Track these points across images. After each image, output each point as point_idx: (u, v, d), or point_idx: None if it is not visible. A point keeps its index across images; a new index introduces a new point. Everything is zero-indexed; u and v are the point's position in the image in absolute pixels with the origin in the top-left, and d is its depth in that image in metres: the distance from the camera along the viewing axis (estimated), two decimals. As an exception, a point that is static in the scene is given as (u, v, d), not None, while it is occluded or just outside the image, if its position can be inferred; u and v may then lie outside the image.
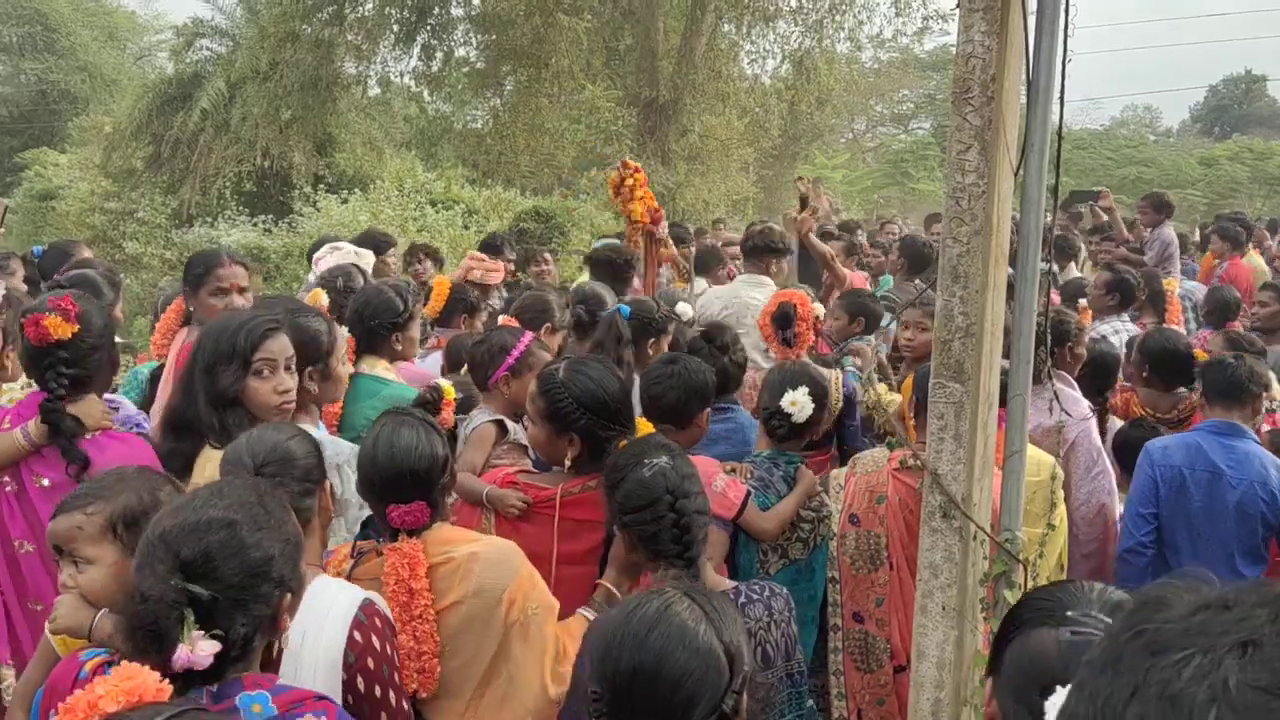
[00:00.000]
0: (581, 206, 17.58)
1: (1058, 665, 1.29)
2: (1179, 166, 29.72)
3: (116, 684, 1.41)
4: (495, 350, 3.34)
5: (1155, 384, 4.41)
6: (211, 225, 16.47)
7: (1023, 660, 1.36)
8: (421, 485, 2.29)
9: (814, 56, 15.96)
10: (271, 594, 1.69)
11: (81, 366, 2.69)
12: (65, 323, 2.62)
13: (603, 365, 2.86)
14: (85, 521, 2.03)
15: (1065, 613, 1.37)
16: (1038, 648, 1.35)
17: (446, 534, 2.37)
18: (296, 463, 2.12)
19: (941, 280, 2.55)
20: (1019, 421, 2.65)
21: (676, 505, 2.27)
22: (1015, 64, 2.58)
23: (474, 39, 16.80)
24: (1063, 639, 1.34)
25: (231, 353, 2.61)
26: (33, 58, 28.78)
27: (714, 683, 1.46)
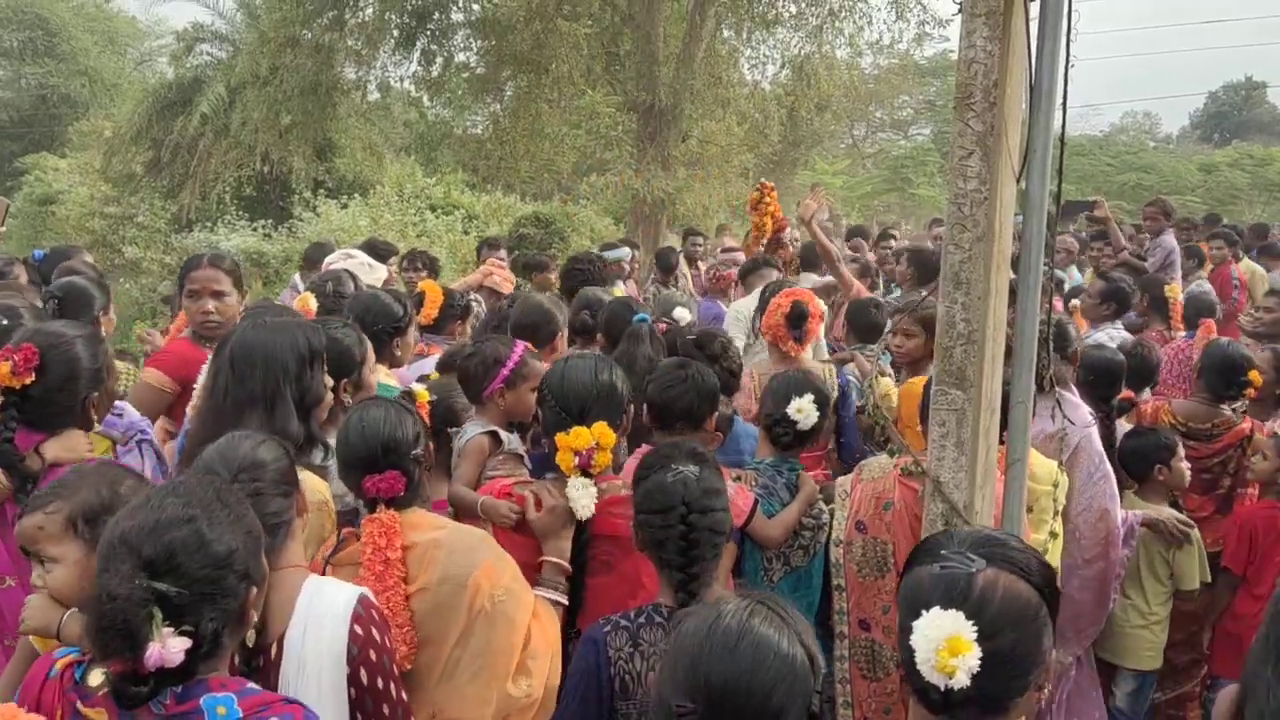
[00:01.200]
0: (581, 212, 17.59)
1: (923, 593, 1.56)
2: (1178, 173, 29.74)
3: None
4: (489, 363, 3.31)
5: (1204, 395, 4.38)
6: (211, 230, 16.49)
7: (905, 592, 1.62)
8: (392, 455, 2.35)
9: (814, 62, 15.97)
10: (237, 587, 1.69)
11: (37, 410, 2.65)
12: (14, 376, 2.61)
13: (586, 360, 2.90)
14: (46, 521, 2.05)
15: (940, 551, 1.61)
16: (916, 581, 1.60)
17: (417, 519, 2.40)
18: (268, 467, 2.11)
19: (943, 287, 2.54)
20: (1021, 428, 2.63)
21: (689, 518, 2.25)
22: (1018, 70, 2.57)
23: (474, 44, 16.81)
24: (933, 572, 1.58)
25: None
26: (33, 62, 28.81)
27: (802, 687, 1.53)
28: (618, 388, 2.84)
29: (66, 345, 2.71)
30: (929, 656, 1.47)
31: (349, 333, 3.11)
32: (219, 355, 2.64)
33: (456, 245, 15.11)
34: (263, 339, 2.60)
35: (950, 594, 1.53)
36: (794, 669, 1.52)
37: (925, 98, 30.99)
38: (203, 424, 2.57)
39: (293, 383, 2.59)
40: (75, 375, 2.70)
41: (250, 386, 2.55)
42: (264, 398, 2.55)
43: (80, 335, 2.81)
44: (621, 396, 2.84)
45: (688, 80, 14.77)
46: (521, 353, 3.33)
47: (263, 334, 2.62)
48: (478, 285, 6.19)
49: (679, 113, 15.13)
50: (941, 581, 1.55)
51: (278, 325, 2.67)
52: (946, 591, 1.54)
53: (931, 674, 1.48)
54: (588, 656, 2.27)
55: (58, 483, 2.14)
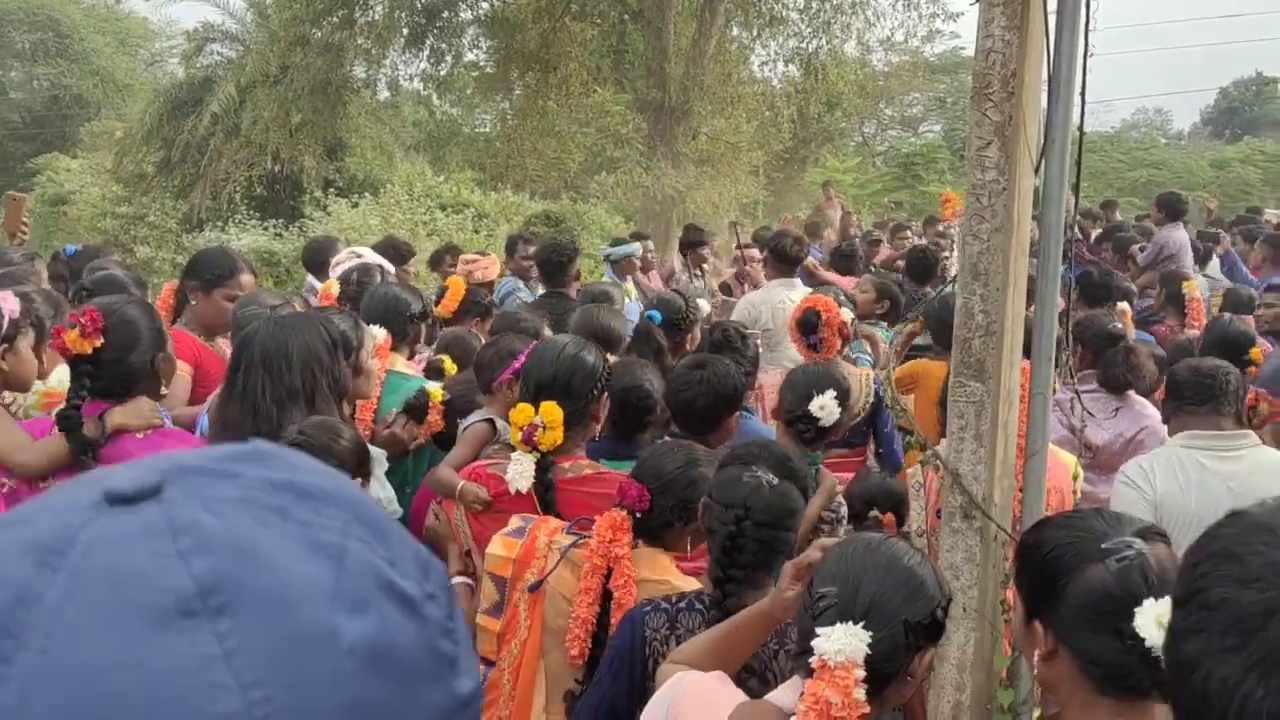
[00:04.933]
0: (591, 210, 17.58)
1: (1121, 591, 1.54)
2: (1190, 169, 29.57)
3: None
4: (503, 355, 3.39)
5: None
6: (222, 229, 16.52)
7: (1088, 599, 1.57)
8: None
9: (821, 59, 15.92)
10: None
11: (110, 375, 2.66)
12: (83, 338, 2.60)
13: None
14: None
15: (1100, 546, 1.59)
16: (1097, 584, 1.57)
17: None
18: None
19: (961, 278, 2.52)
20: (1040, 421, 2.62)
21: (743, 524, 2.18)
22: (1035, 59, 2.55)
23: (482, 43, 16.81)
24: (1112, 569, 1.56)
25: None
26: (45, 63, 28.92)
27: (931, 592, 1.70)
28: (578, 372, 2.80)
29: (121, 309, 2.72)
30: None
31: (345, 318, 3.11)
32: (244, 354, 2.61)
33: (467, 244, 15.11)
34: (290, 335, 2.61)
35: (1151, 583, 1.55)
36: (924, 576, 1.70)
37: (935, 95, 30.90)
38: (238, 425, 2.53)
39: (328, 374, 2.63)
40: (137, 335, 2.69)
41: (290, 382, 2.56)
42: (304, 392, 2.57)
43: (130, 301, 2.85)
44: (586, 380, 2.80)
45: (698, 77, 14.74)
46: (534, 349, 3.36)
47: (287, 330, 2.63)
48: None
49: (689, 110, 15.10)
50: (1133, 573, 1.56)
51: (296, 320, 2.69)
52: (1146, 582, 1.56)
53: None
54: (625, 635, 2.28)
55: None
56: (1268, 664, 0.79)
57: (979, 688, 2.56)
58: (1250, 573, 0.83)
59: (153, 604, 0.40)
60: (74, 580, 0.40)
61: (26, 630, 0.39)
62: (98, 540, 0.41)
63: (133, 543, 0.41)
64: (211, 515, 0.43)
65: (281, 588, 0.42)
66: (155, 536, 0.42)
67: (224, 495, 0.44)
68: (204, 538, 0.42)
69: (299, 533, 0.44)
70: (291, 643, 0.41)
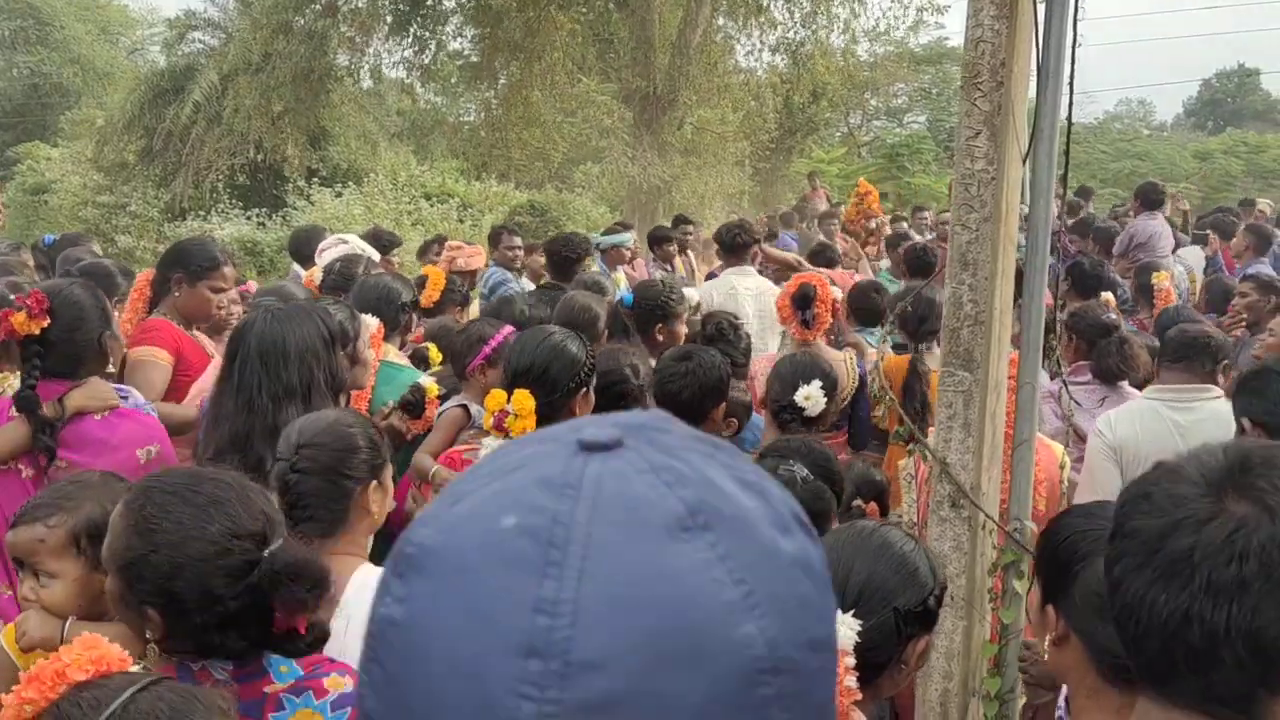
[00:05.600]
0: (577, 200, 17.55)
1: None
2: (1173, 160, 29.73)
3: (82, 653, 1.37)
4: (473, 340, 3.44)
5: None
6: (205, 219, 16.42)
7: (1099, 587, 1.54)
8: None
9: (807, 49, 15.91)
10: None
11: (58, 356, 2.68)
12: (30, 319, 2.63)
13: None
14: (47, 534, 1.95)
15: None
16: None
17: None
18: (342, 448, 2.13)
19: (950, 268, 2.52)
20: (1028, 410, 2.63)
21: None
22: (1024, 49, 2.55)
23: (466, 31, 16.73)
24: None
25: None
26: (25, 51, 28.61)
27: (924, 580, 1.71)
28: (557, 362, 2.77)
29: (66, 290, 2.76)
30: None
31: (342, 308, 3.11)
32: (240, 348, 2.58)
33: (452, 233, 15.07)
34: (287, 330, 2.58)
35: None
36: (916, 566, 1.72)
37: (920, 86, 30.93)
38: (232, 420, 2.51)
39: (325, 369, 2.59)
40: (83, 314, 2.72)
41: (287, 379, 2.52)
42: (300, 388, 2.53)
43: (74, 281, 2.87)
44: (565, 370, 2.77)
45: (684, 67, 14.72)
46: (506, 334, 3.41)
47: (284, 324, 2.59)
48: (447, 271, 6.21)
49: (675, 100, 15.08)
50: None
51: (293, 314, 2.65)
52: None
53: None
54: None
55: (57, 490, 2.07)
56: (1166, 575, 1.01)
57: (965, 675, 2.58)
58: (1155, 506, 1.05)
59: (660, 522, 0.51)
60: (594, 506, 0.51)
61: (568, 543, 0.50)
62: (603, 475, 0.52)
63: (629, 477, 0.53)
64: (672, 459, 0.54)
65: (741, 511, 0.54)
66: (643, 473, 0.53)
67: (672, 444, 0.56)
68: (678, 474, 0.53)
69: (729, 472, 0.56)
70: (758, 552, 0.53)
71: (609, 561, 0.50)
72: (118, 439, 2.63)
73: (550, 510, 0.51)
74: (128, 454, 2.62)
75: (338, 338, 2.70)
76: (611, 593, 0.49)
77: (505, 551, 0.51)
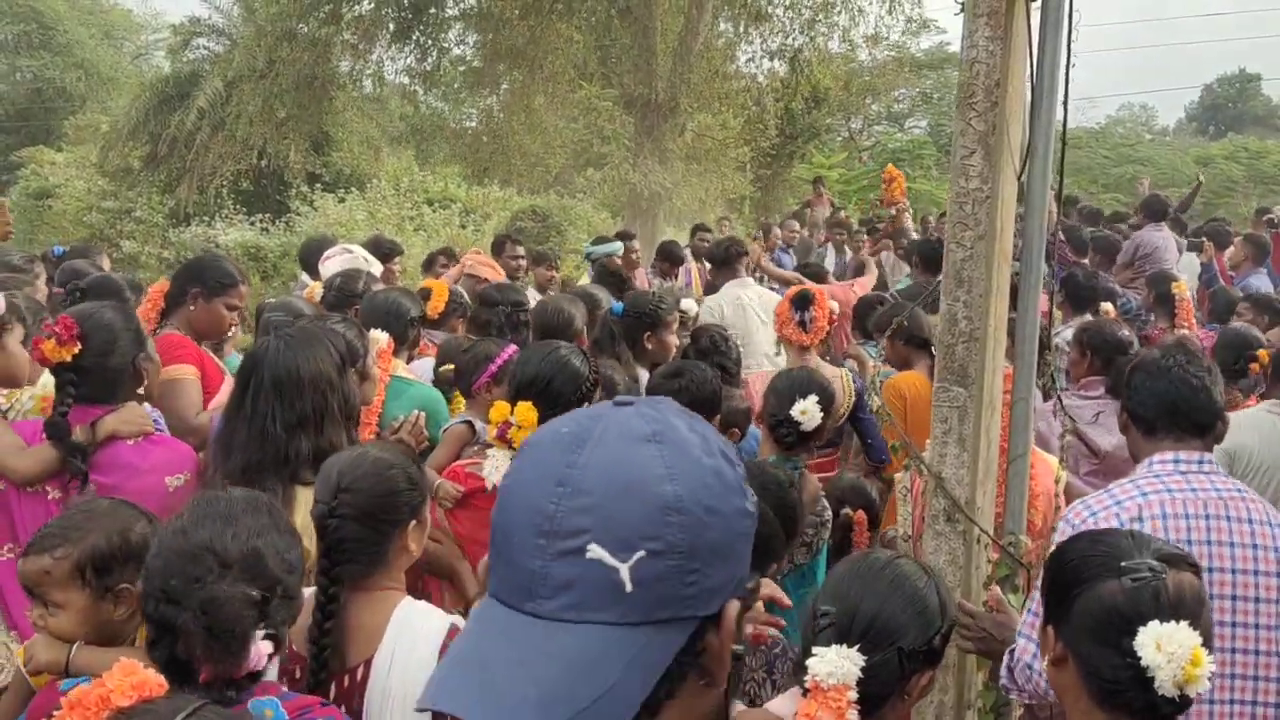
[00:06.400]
0: (578, 206, 17.58)
1: (1129, 609, 1.59)
2: (1175, 165, 29.75)
3: (123, 679, 1.40)
4: (480, 359, 3.48)
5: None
6: (209, 224, 16.46)
7: (1098, 610, 1.63)
8: None
9: (805, 55, 15.91)
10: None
11: (93, 381, 2.69)
12: (59, 346, 2.63)
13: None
14: (52, 566, 1.98)
15: (1120, 563, 1.64)
16: (1109, 598, 1.62)
17: None
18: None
19: (945, 285, 2.56)
20: (1022, 426, 2.66)
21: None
22: (1019, 69, 2.59)
23: (468, 38, 16.78)
24: (1125, 586, 1.61)
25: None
26: (29, 55, 28.66)
27: (932, 618, 1.74)
28: (559, 375, 2.81)
29: (97, 314, 2.75)
30: (1174, 673, 1.54)
31: (349, 326, 3.14)
32: (254, 376, 2.55)
33: (454, 239, 15.10)
34: (300, 357, 2.55)
35: (1161, 606, 1.59)
36: (926, 603, 1.74)
37: (921, 90, 30.95)
38: (245, 450, 2.48)
39: (338, 395, 2.57)
40: (116, 337, 2.72)
41: (300, 408, 2.49)
42: (314, 418, 2.51)
43: (105, 305, 2.87)
44: (567, 384, 2.82)
45: (685, 74, 14.75)
46: (511, 352, 3.44)
47: (297, 352, 2.56)
48: (457, 279, 6.24)
49: (676, 106, 15.11)
50: (1145, 594, 1.60)
51: (305, 338, 2.62)
52: (1156, 604, 1.59)
53: (1170, 688, 1.54)
54: None
55: (65, 520, 2.08)
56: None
57: (961, 688, 2.61)
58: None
59: (637, 436, 0.91)
60: (606, 426, 0.91)
61: (588, 440, 0.90)
62: (618, 414, 0.93)
63: (630, 416, 0.93)
64: (655, 411, 0.94)
65: (683, 439, 0.92)
66: (636, 416, 0.93)
67: (660, 406, 0.96)
68: (653, 418, 0.93)
69: (686, 423, 0.95)
70: (685, 458, 0.90)
71: (605, 449, 0.89)
72: (149, 464, 2.64)
73: (586, 425, 0.92)
74: (156, 480, 2.64)
75: (349, 361, 2.70)
76: (603, 460, 0.89)
77: (558, 439, 0.92)
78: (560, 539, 0.86)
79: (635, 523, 0.86)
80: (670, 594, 0.86)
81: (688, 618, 0.88)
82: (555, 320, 4.12)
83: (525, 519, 0.88)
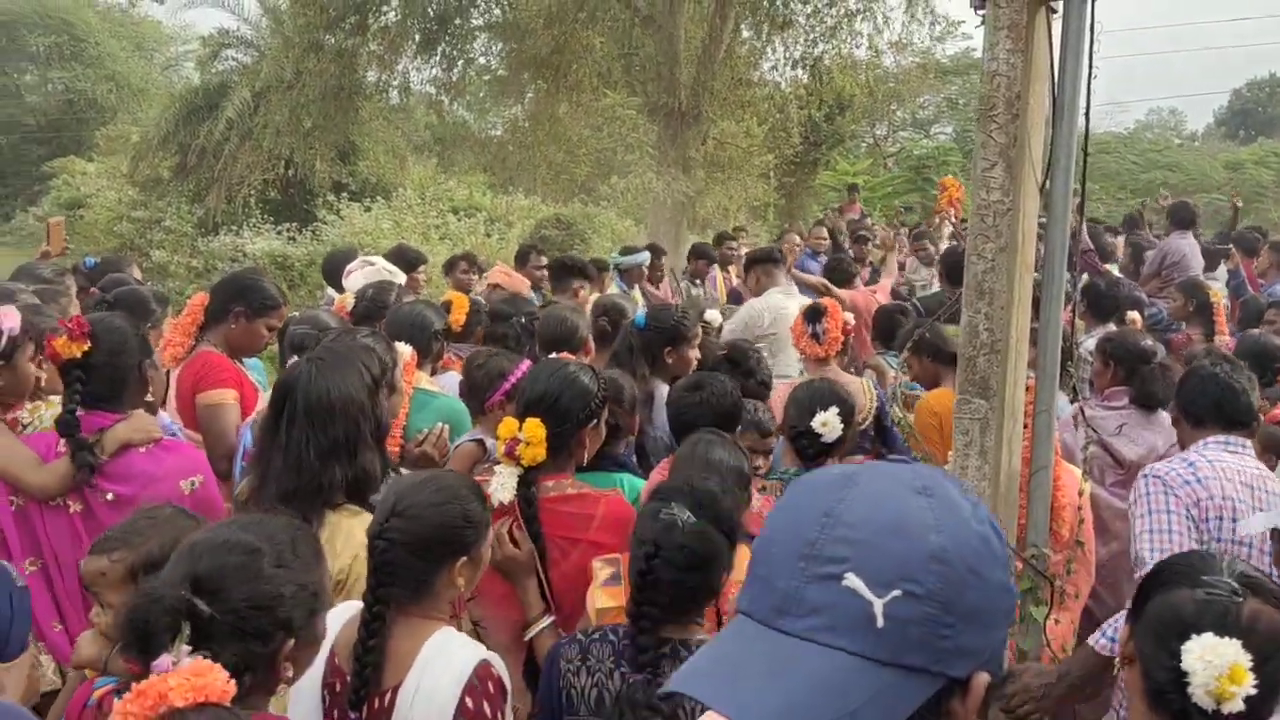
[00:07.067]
0: (602, 214, 17.62)
1: (1193, 617, 1.64)
2: (1204, 170, 29.45)
3: (187, 678, 1.41)
4: (493, 375, 3.44)
5: None
6: (236, 233, 16.61)
7: (1164, 613, 1.68)
8: None
9: (828, 63, 15.88)
10: (272, 633, 1.67)
11: (101, 381, 2.75)
12: (70, 343, 2.69)
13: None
14: (109, 568, 2.07)
15: (1201, 577, 1.69)
16: (1179, 604, 1.67)
17: None
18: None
19: (967, 296, 2.56)
20: (1045, 437, 2.65)
21: (653, 561, 2.09)
22: (1040, 81, 2.59)
23: (493, 48, 16.88)
24: (1198, 597, 1.66)
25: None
26: (60, 67, 29.11)
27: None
28: (568, 392, 2.76)
29: (106, 318, 2.87)
30: (1207, 681, 1.57)
31: (378, 340, 3.16)
32: (287, 402, 2.54)
33: (478, 247, 15.18)
34: (331, 383, 2.53)
35: (1223, 622, 1.62)
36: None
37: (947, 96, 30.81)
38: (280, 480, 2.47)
39: (370, 419, 2.56)
40: (125, 340, 2.81)
41: (333, 435, 2.47)
42: (348, 445, 2.49)
43: (114, 314, 2.98)
44: (576, 401, 2.77)
45: (708, 82, 14.76)
46: (525, 368, 3.41)
47: (330, 377, 2.54)
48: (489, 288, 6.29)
49: (699, 114, 15.12)
50: (1213, 608, 1.64)
51: (337, 361, 2.61)
52: (1218, 619, 1.63)
53: (1205, 698, 1.58)
54: (546, 668, 2.28)
55: (127, 526, 2.15)
56: None
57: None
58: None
59: (908, 485, 0.93)
60: (878, 472, 0.95)
61: (859, 480, 0.94)
62: (888, 465, 0.98)
63: (901, 468, 0.97)
64: (930, 471, 0.97)
65: (956, 499, 0.94)
66: (907, 469, 0.96)
67: (937, 472, 0.99)
68: (927, 474, 0.96)
69: (964, 492, 0.97)
70: (953, 514, 0.92)
71: (875, 488, 0.93)
72: (163, 471, 2.71)
73: (858, 469, 0.96)
74: (171, 485, 2.70)
75: (379, 381, 2.68)
76: (872, 497, 0.92)
77: (830, 477, 0.97)
78: (819, 564, 0.89)
79: (897, 562, 0.88)
80: (921, 641, 0.87)
81: (936, 673, 0.88)
82: (559, 330, 4.11)
83: (787, 542, 0.92)
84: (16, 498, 2.70)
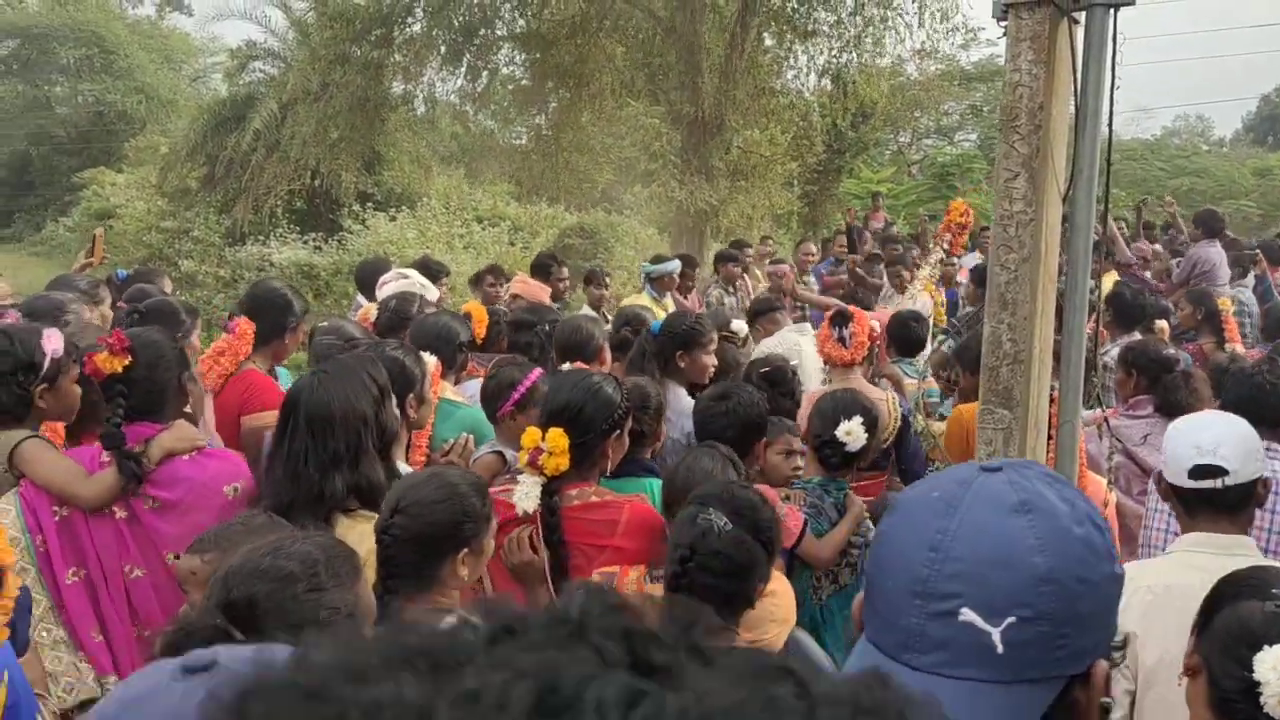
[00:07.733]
0: (625, 223, 17.67)
1: (1263, 629, 1.66)
2: (1232, 177, 29.17)
3: None
4: (504, 385, 3.47)
5: None
6: (264, 243, 16.76)
7: (1233, 624, 1.71)
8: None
9: (850, 71, 15.86)
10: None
11: (141, 394, 2.80)
12: (113, 357, 2.74)
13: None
14: (200, 568, 2.14)
15: (1271, 590, 1.72)
16: (1247, 615, 1.69)
17: None
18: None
19: (989, 307, 2.57)
20: (1069, 448, 2.65)
21: (688, 565, 2.14)
22: (1063, 91, 2.60)
23: (518, 58, 16.97)
24: (1268, 609, 1.68)
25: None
26: (90, 79, 29.45)
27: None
28: (591, 403, 2.77)
29: (144, 332, 2.93)
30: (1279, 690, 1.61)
31: (407, 352, 3.21)
32: (291, 416, 2.59)
33: (502, 257, 15.26)
34: (334, 394, 2.56)
35: None
36: None
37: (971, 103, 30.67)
38: (277, 491, 2.53)
39: (372, 430, 2.59)
40: (162, 353, 2.86)
41: (333, 447, 2.52)
42: (348, 455, 2.53)
43: (151, 328, 3.04)
44: (599, 412, 2.78)
45: (730, 91, 14.79)
46: (535, 377, 3.44)
47: (332, 389, 2.58)
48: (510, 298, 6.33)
49: (722, 123, 15.15)
50: (1276, 621, 1.67)
51: (341, 372, 2.65)
52: None
53: (1275, 707, 1.62)
54: None
55: (224, 530, 2.23)
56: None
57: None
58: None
59: (1006, 506, 0.95)
60: (976, 495, 0.96)
61: (958, 508, 0.96)
62: (986, 481, 0.98)
63: (998, 485, 0.97)
64: (1022, 478, 0.98)
65: (1052, 507, 0.96)
66: (1005, 484, 0.98)
67: (1026, 472, 1.00)
68: (1021, 486, 0.97)
69: (1055, 490, 0.99)
70: (1055, 529, 0.95)
71: (975, 517, 0.95)
72: (207, 476, 2.76)
73: (955, 491, 0.98)
74: (216, 490, 2.75)
75: (388, 392, 2.71)
76: (974, 528, 0.94)
77: (928, 503, 0.99)
78: (934, 600, 0.95)
79: (1007, 591, 0.93)
80: (1040, 656, 0.93)
81: (1056, 678, 0.95)
82: (575, 338, 4.13)
83: (900, 578, 0.97)
84: (61, 509, 2.74)
